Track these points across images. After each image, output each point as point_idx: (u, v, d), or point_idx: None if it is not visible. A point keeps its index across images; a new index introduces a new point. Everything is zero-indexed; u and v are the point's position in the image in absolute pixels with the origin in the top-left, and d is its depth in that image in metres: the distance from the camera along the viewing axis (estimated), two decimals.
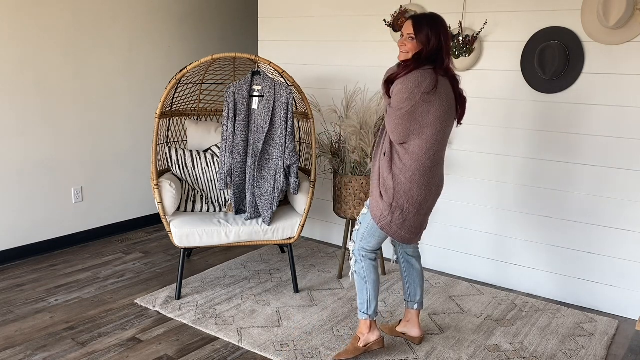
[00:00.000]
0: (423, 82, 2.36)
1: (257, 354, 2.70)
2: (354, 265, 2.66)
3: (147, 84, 4.46)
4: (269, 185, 3.25)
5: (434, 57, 2.40)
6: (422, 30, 2.38)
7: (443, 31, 2.41)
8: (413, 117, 2.37)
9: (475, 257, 3.66)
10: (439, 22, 2.43)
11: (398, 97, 2.38)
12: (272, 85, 3.21)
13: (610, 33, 2.96)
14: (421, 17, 2.47)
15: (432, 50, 2.39)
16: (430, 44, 2.38)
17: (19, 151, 3.72)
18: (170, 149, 3.49)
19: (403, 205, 2.48)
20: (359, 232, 2.62)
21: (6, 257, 3.74)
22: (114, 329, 2.91)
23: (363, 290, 2.65)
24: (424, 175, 2.47)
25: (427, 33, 2.38)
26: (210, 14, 4.92)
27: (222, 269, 3.73)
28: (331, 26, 3.98)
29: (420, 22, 2.41)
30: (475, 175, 3.57)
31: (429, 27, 2.39)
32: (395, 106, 2.39)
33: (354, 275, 2.67)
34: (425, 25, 2.39)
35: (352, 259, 2.68)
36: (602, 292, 3.25)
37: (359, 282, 2.65)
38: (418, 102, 2.35)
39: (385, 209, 2.49)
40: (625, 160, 3.07)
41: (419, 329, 2.81)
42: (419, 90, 2.35)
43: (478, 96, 3.46)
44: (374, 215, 2.53)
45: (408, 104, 2.36)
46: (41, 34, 3.74)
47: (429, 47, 2.38)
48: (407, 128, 2.39)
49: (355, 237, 2.65)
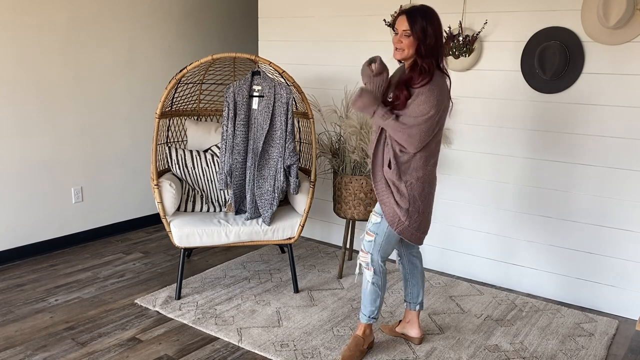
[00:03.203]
0: (446, 88, 2.34)
1: (257, 354, 2.70)
2: (371, 278, 2.57)
3: (147, 84, 4.46)
4: (269, 185, 3.25)
5: (435, 54, 2.33)
6: (418, 25, 2.28)
7: (437, 24, 2.33)
8: (436, 125, 2.34)
9: (475, 257, 3.66)
10: (433, 14, 2.34)
11: (424, 106, 2.29)
12: (272, 85, 3.21)
13: (610, 33, 2.96)
14: (414, 10, 2.34)
15: (431, 46, 2.31)
16: (428, 39, 2.30)
17: (19, 151, 3.72)
18: (170, 149, 3.49)
19: (419, 207, 2.46)
20: (375, 242, 2.53)
21: (6, 257, 3.74)
22: (114, 329, 2.91)
23: (377, 299, 2.61)
24: (431, 173, 2.48)
25: (422, 27, 2.28)
26: (211, 13, 4.92)
27: (222, 269, 3.73)
28: (331, 26, 3.98)
29: (414, 16, 2.30)
30: (475, 175, 3.57)
31: (423, 20, 2.29)
32: (420, 114, 2.30)
33: (369, 287, 2.59)
34: (420, 19, 2.29)
35: (365, 272, 2.60)
36: (602, 292, 3.25)
37: (374, 292, 2.60)
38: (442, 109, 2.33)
39: (403, 215, 2.44)
40: (625, 160, 3.07)
41: (419, 330, 2.81)
42: (444, 98, 2.33)
43: (478, 96, 3.46)
44: (391, 222, 2.46)
45: (436, 112, 2.31)
46: (41, 34, 3.74)
47: (427, 43, 2.30)
48: (429, 136, 2.36)
49: (368, 249, 2.55)
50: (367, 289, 2.61)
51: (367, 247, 2.56)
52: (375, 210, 2.55)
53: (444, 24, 3.42)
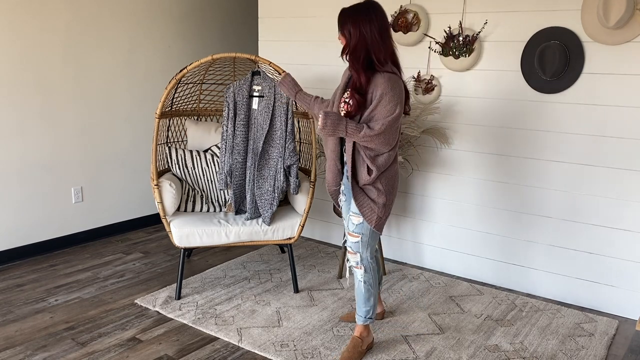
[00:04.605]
0: (398, 80, 2.36)
1: (257, 354, 2.70)
2: (361, 277, 2.59)
3: (147, 84, 4.46)
4: (268, 185, 3.25)
5: (362, 52, 2.32)
6: (345, 27, 2.33)
7: (367, 20, 2.30)
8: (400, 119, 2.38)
9: (475, 257, 3.66)
10: (361, 11, 2.32)
11: (389, 106, 2.30)
12: (272, 85, 3.22)
13: (610, 33, 2.96)
14: (344, 11, 2.36)
15: (354, 46, 2.32)
16: (352, 40, 2.32)
17: (19, 151, 3.72)
18: (170, 149, 3.49)
19: (392, 199, 2.51)
20: (362, 242, 2.54)
21: (6, 257, 3.74)
22: (114, 329, 2.91)
23: (370, 298, 2.63)
24: (395, 162, 2.51)
25: (347, 29, 2.32)
26: (211, 14, 4.92)
27: (222, 269, 3.73)
28: (331, 26, 3.98)
29: (341, 17, 2.34)
30: (475, 175, 3.57)
31: (349, 19, 2.32)
32: (388, 115, 2.31)
33: (361, 286, 2.60)
34: (346, 19, 2.33)
35: (355, 271, 2.61)
36: (602, 292, 3.25)
37: (367, 291, 2.61)
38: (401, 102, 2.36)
39: (380, 210, 2.47)
40: (625, 161, 3.07)
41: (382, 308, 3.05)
42: (401, 91, 2.35)
43: (478, 96, 3.46)
44: (369, 220, 2.48)
45: (401, 108, 2.35)
46: (41, 34, 3.74)
47: (351, 44, 2.32)
48: (398, 131, 2.41)
49: (356, 249, 2.56)
50: (360, 289, 2.62)
51: (355, 247, 2.57)
52: (354, 211, 2.52)
53: (444, 24, 3.46)
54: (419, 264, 3.91)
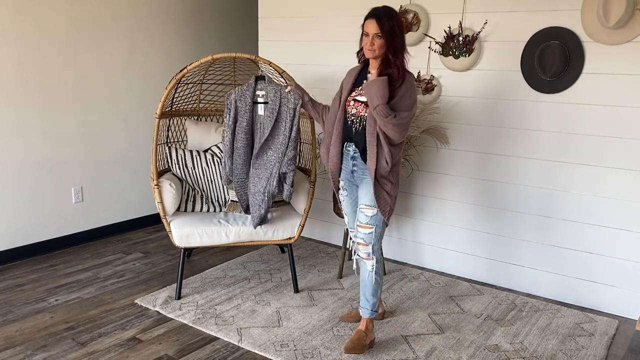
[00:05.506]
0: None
1: (257, 354, 2.70)
2: (372, 268, 2.68)
3: (147, 84, 4.46)
4: (261, 187, 3.20)
5: (403, 50, 2.52)
6: (386, 27, 2.47)
7: (400, 23, 2.53)
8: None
9: (475, 257, 3.66)
10: (396, 14, 2.52)
11: (411, 99, 2.51)
12: (278, 89, 3.11)
13: (610, 33, 2.96)
14: (380, 13, 2.51)
15: (399, 44, 2.50)
16: (396, 38, 2.49)
17: (19, 151, 3.72)
18: (170, 149, 3.49)
19: (399, 189, 2.68)
20: (375, 232, 2.65)
21: (6, 257, 3.74)
22: (114, 329, 2.91)
23: (378, 290, 2.73)
24: (401, 157, 2.71)
25: (391, 27, 2.47)
26: (210, 14, 4.92)
27: (222, 269, 3.73)
28: (331, 26, 3.98)
29: (382, 19, 2.48)
30: (474, 175, 3.57)
31: (389, 21, 2.47)
32: (410, 107, 2.50)
33: (372, 277, 2.69)
34: (387, 20, 2.47)
35: (366, 263, 2.69)
36: (602, 292, 3.25)
37: (376, 282, 2.71)
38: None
39: (392, 202, 2.62)
40: (625, 160, 3.07)
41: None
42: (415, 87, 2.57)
43: (478, 96, 3.46)
44: (384, 212, 2.60)
45: (416, 106, 2.56)
46: (41, 34, 3.74)
47: (395, 42, 2.49)
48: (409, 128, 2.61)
49: (369, 240, 2.65)
50: (370, 279, 2.70)
51: (368, 239, 2.66)
52: (367, 203, 2.63)
53: (444, 24, 3.47)
54: (419, 264, 3.91)
